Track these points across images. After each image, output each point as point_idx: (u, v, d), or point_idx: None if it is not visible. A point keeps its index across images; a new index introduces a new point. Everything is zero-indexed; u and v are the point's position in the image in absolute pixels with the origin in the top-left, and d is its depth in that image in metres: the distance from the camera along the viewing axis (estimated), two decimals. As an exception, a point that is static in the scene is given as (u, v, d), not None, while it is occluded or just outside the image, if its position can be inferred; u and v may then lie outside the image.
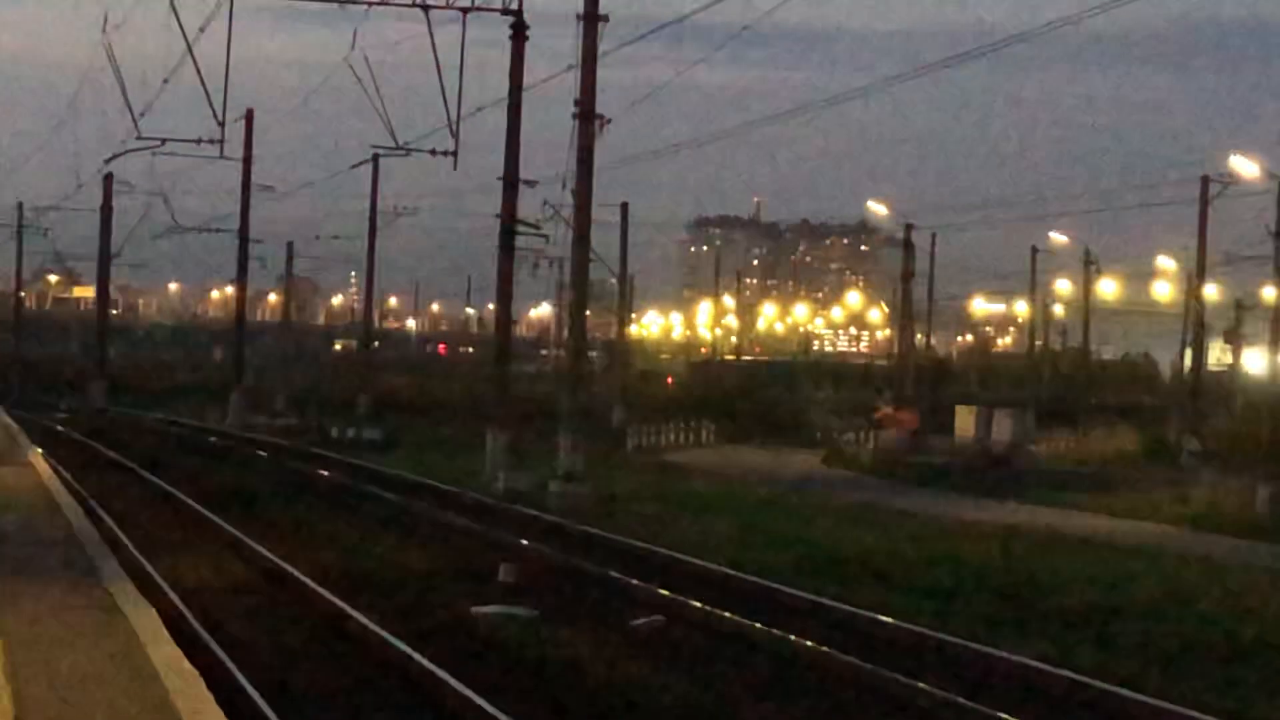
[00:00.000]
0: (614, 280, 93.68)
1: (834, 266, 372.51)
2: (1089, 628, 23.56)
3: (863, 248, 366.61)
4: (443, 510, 38.47)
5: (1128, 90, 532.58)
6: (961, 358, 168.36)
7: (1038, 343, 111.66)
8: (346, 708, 17.15)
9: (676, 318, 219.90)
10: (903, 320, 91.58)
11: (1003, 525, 40.00)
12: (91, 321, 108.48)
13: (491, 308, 58.31)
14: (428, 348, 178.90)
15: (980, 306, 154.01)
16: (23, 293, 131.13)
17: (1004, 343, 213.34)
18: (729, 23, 48.31)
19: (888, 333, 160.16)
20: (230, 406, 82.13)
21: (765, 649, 21.15)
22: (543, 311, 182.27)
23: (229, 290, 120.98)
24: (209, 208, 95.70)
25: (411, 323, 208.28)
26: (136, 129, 65.39)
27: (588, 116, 44.45)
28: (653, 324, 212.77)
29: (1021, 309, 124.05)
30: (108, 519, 31.07)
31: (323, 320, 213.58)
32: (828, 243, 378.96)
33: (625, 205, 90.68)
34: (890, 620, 23.09)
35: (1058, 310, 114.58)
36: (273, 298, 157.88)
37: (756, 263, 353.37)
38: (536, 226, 50.74)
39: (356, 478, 47.96)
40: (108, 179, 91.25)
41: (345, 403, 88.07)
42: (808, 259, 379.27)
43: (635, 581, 26.32)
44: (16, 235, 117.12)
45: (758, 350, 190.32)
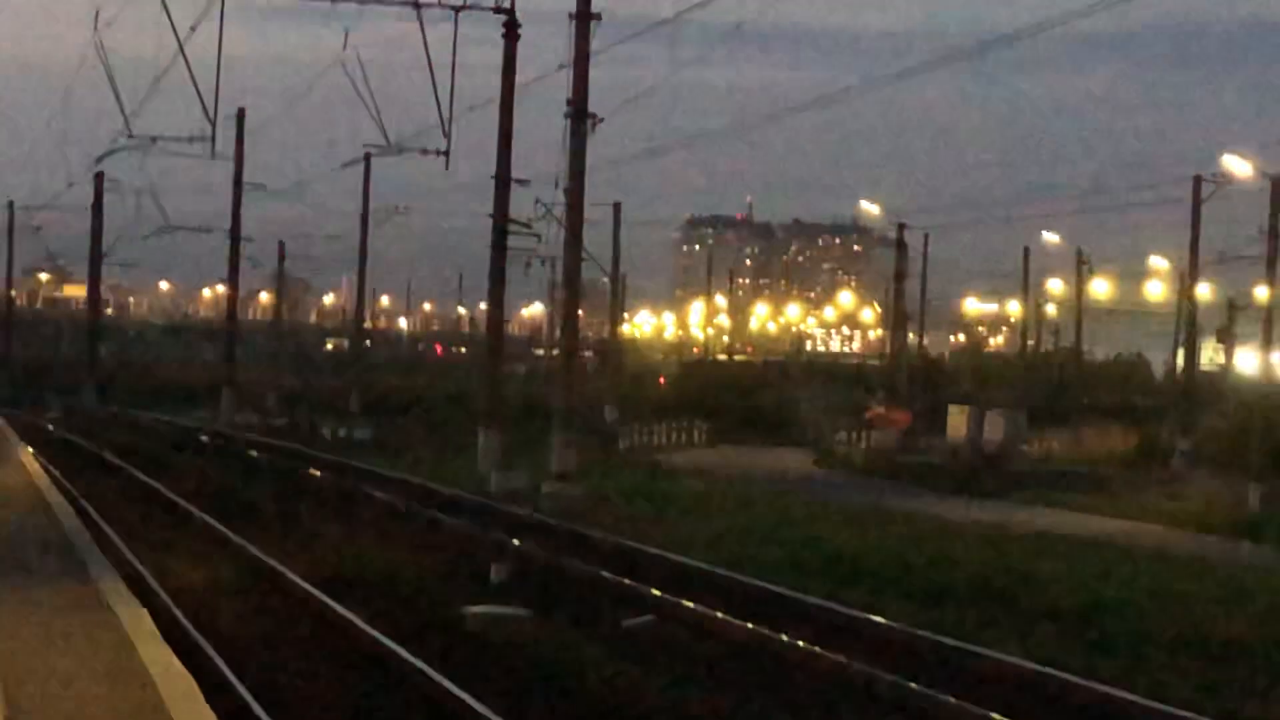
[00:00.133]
0: (606, 279, 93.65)
1: (826, 266, 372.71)
2: (1080, 627, 23.56)
3: (855, 247, 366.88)
4: (434, 510, 38.42)
5: (1120, 90, 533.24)
6: (954, 358, 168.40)
7: (1030, 343, 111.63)
8: (338, 707, 17.12)
9: (669, 317, 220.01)
10: (895, 320, 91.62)
11: (994, 525, 40.03)
12: (83, 321, 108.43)
13: (484, 307, 58.29)
14: (420, 347, 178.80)
15: (973, 306, 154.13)
16: (13, 292, 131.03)
17: (996, 343, 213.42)
18: (721, 22, 48.37)
19: (880, 332, 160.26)
20: (221, 406, 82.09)
21: (757, 649, 21.13)
22: (535, 311, 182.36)
23: (220, 289, 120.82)
24: (200, 207, 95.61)
25: (403, 322, 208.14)
26: (128, 128, 65.47)
27: (580, 115, 44.45)
28: (645, 324, 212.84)
29: (1014, 309, 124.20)
30: (98, 518, 31.03)
31: (314, 319, 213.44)
32: (820, 242, 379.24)
33: (618, 204, 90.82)
34: (882, 620, 23.08)
35: (1050, 310, 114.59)
36: (264, 297, 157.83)
37: (749, 262, 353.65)
38: (529, 226, 50.72)
39: (348, 477, 47.91)
40: (99, 177, 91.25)
41: (337, 402, 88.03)
42: (800, 259, 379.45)
43: (627, 581, 26.31)
44: (7, 234, 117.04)
45: (750, 350, 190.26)
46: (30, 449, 46.27)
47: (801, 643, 20.91)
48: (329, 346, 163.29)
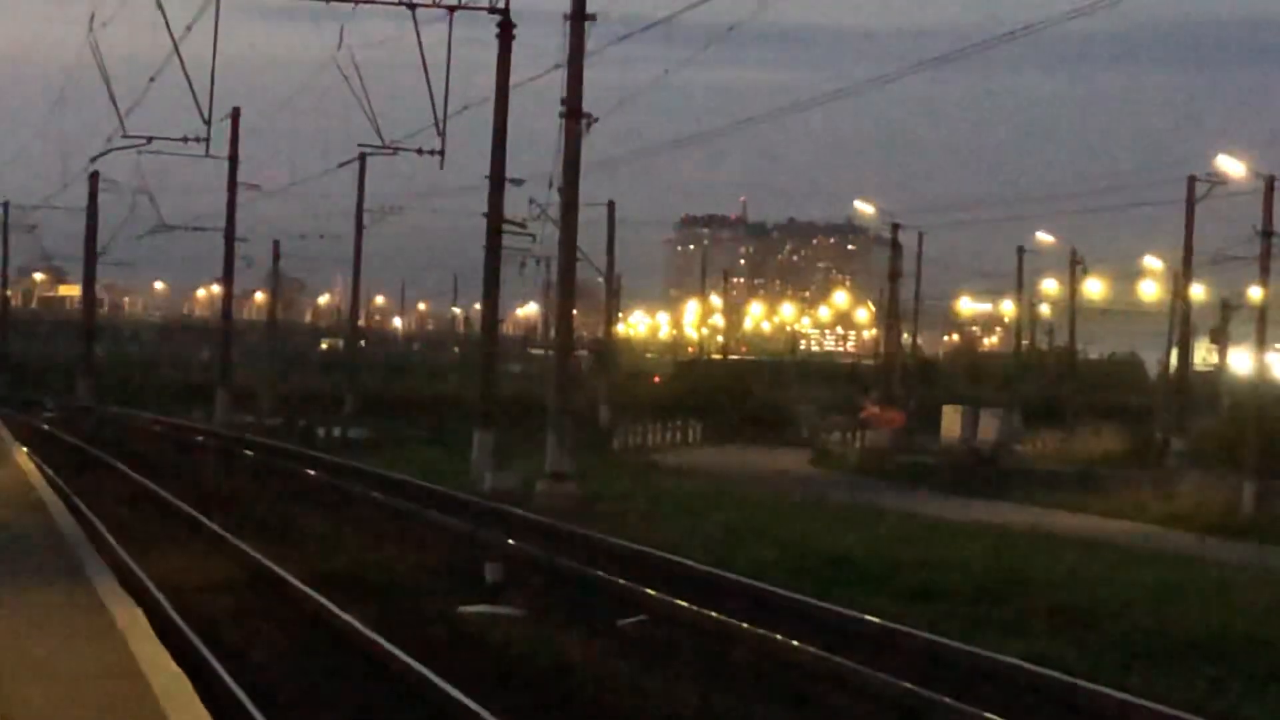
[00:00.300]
0: (601, 279, 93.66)
1: (821, 266, 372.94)
2: (1074, 627, 23.58)
3: (849, 247, 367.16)
4: (429, 510, 38.42)
5: (1115, 90, 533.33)
6: (948, 357, 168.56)
7: (1024, 342, 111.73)
8: (332, 707, 17.13)
9: (663, 317, 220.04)
10: (889, 320, 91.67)
11: (989, 524, 40.07)
12: (78, 320, 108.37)
13: (478, 307, 58.25)
14: (415, 346, 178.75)
15: (967, 306, 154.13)
16: (9, 291, 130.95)
17: (990, 342, 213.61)
18: (716, 22, 48.31)
19: (874, 332, 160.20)
20: (216, 405, 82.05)
21: (751, 649, 21.14)
22: (530, 311, 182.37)
23: (215, 289, 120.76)
24: (195, 206, 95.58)
25: (398, 321, 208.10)
26: (123, 127, 65.41)
27: (575, 115, 44.44)
28: (640, 323, 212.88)
29: (1008, 308, 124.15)
30: (93, 518, 31.01)
31: (309, 319, 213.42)
32: (814, 242, 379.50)
33: (612, 204, 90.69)
34: (876, 620, 23.10)
35: (1044, 310, 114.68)
36: (259, 297, 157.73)
37: (743, 262, 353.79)
38: (523, 225, 50.75)
39: (342, 477, 47.90)
40: (94, 177, 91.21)
41: (332, 402, 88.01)
42: (794, 258, 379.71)
43: (622, 581, 26.32)
44: (2, 233, 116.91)
45: (744, 350, 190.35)
46: (25, 448, 46.23)
47: (796, 642, 20.93)
48: (324, 346, 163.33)
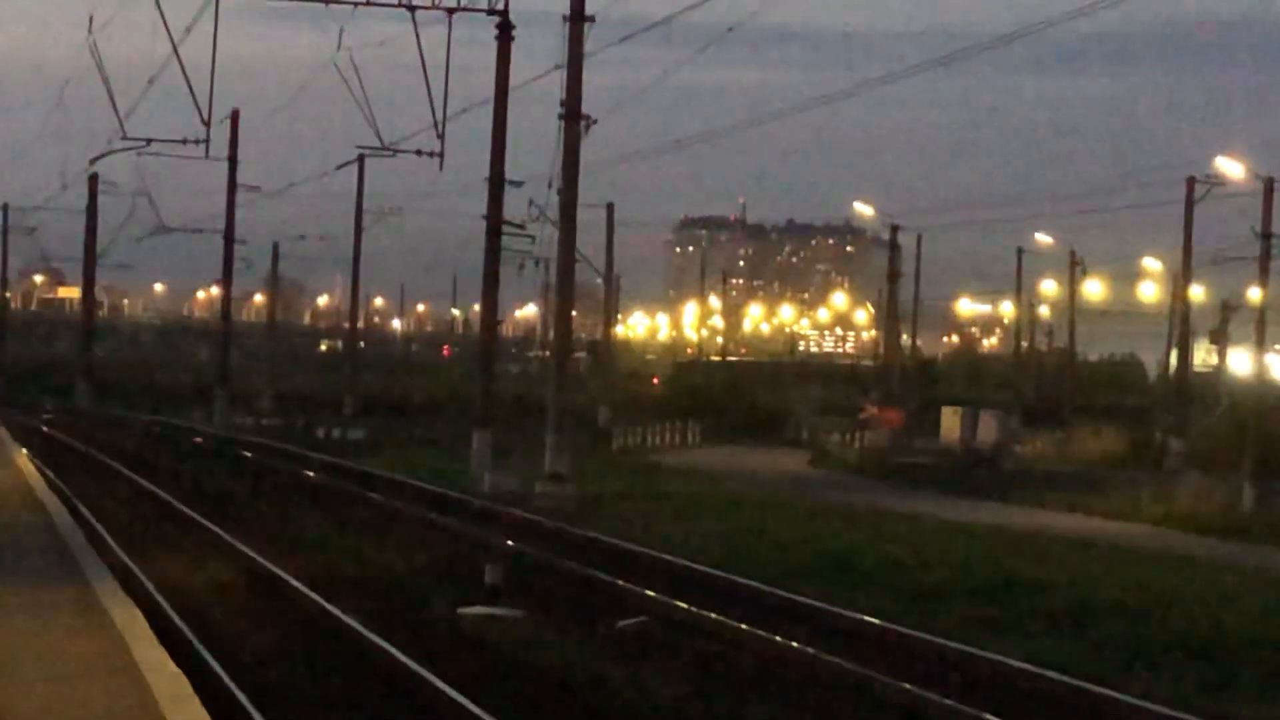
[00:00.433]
0: (600, 281, 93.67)
1: (820, 267, 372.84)
2: (1073, 628, 23.59)
3: (848, 248, 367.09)
4: (428, 511, 38.44)
5: (1114, 91, 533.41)
6: (947, 358, 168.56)
7: (1023, 344, 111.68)
8: (331, 708, 17.14)
9: (662, 318, 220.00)
10: (888, 321, 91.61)
11: (988, 525, 40.06)
12: (77, 322, 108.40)
13: (477, 308, 58.25)
14: (414, 347, 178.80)
15: (966, 307, 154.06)
16: (8, 293, 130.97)
17: (990, 343, 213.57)
18: (715, 23, 48.35)
19: (873, 333, 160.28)
20: (215, 407, 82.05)
21: (751, 650, 21.15)
22: (529, 312, 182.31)
23: (214, 291, 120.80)
24: (195, 208, 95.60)
25: (397, 323, 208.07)
26: (122, 129, 65.41)
27: (573, 117, 44.43)
28: (639, 325, 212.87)
29: (1007, 310, 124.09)
30: (92, 519, 31.02)
31: (308, 321, 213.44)
32: (813, 243, 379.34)
33: (611, 206, 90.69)
34: (875, 620, 23.12)
35: (1043, 311, 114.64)
36: (258, 298, 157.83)
37: (742, 263, 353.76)
38: (522, 227, 50.73)
39: (341, 478, 47.91)
40: (93, 179, 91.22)
41: (331, 403, 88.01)
42: (793, 260, 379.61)
43: (621, 582, 26.33)
44: (2, 235, 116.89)
45: (743, 351, 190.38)
46: (25, 450, 46.24)
47: (795, 643, 20.93)
48: (323, 348, 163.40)
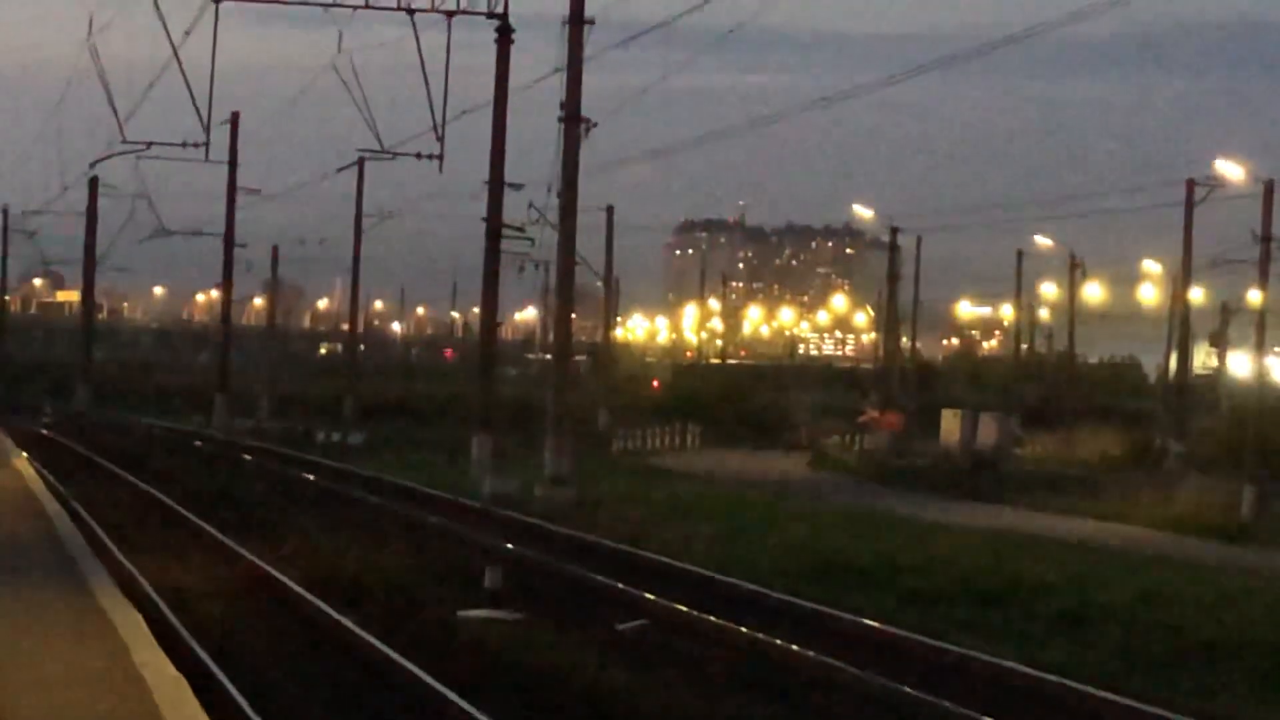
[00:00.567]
0: (599, 283, 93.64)
1: (820, 270, 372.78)
2: (1073, 631, 23.59)
3: (848, 251, 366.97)
4: (428, 514, 38.43)
5: (1114, 93, 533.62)
6: (947, 361, 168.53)
7: (1023, 346, 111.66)
8: (330, 711, 17.14)
9: (662, 321, 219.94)
10: (888, 324, 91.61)
11: (987, 528, 40.05)
12: (77, 325, 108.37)
13: (477, 311, 58.24)
14: (414, 351, 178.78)
15: (966, 310, 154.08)
16: (8, 296, 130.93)
17: (989, 346, 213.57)
18: (715, 26, 48.39)
19: (873, 336, 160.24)
20: (215, 410, 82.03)
21: (751, 653, 21.15)
22: (529, 315, 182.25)
23: (214, 294, 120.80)
24: (194, 211, 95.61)
25: (397, 326, 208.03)
26: (122, 133, 65.49)
27: (573, 120, 44.44)
28: (638, 327, 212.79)
29: (1007, 312, 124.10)
30: (92, 523, 31.02)
31: (308, 324, 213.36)
32: (813, 246, 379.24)
33: (611, 208, 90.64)
34: (875, 623, 23.11)
35: (1043, 314, 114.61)
36: (258, 301, 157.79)
37: (742, 266, 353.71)
38: (522, 230, 50.75)
39: (341, 482, 47.90)
40: (93, 182, 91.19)
41: (331, 406, 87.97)
42: (793, 262, 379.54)
43: (621, 585, 26.33)
44: (2, 239, 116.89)
45: (743, 354, 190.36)
46: (25, 454, 46.25)
47: (795, 646, 20.94)
48: (323, 351, 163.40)
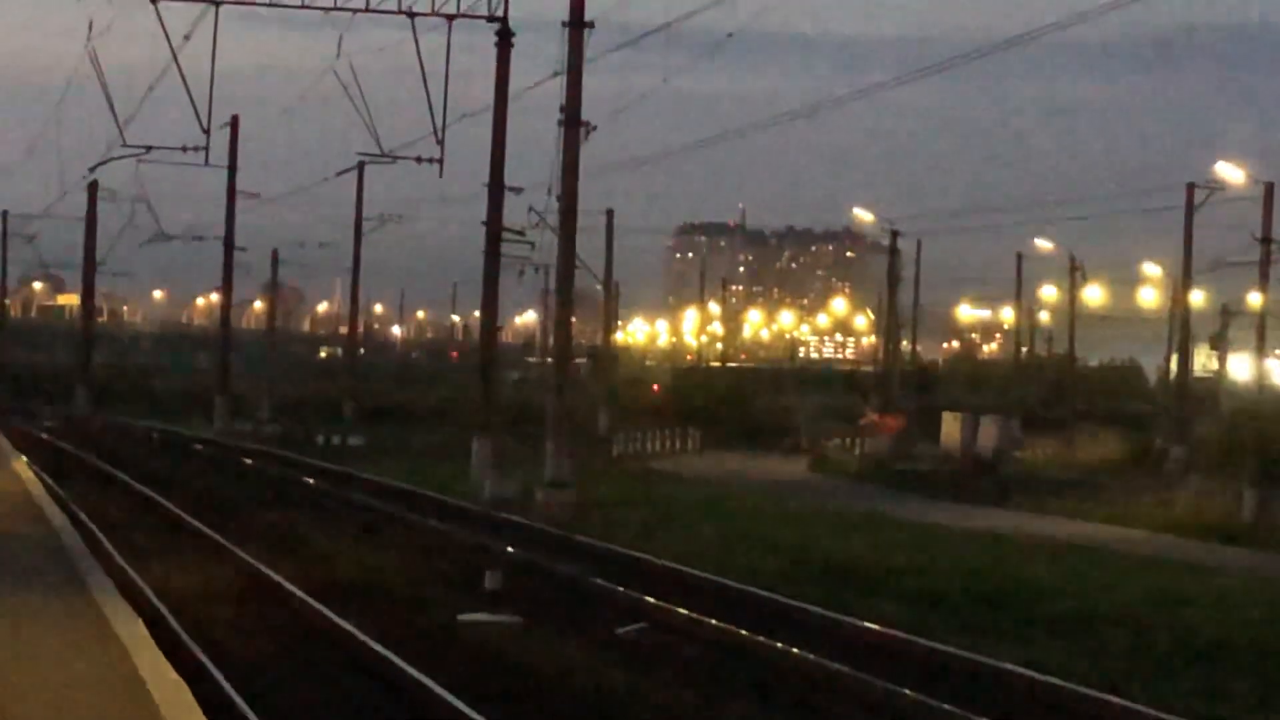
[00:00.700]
0: (599, 287, 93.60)
1: (819, 273, 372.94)
2: (1075, 634, 23.57)
3: (848, 254, 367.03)
4: (428, 517, 38.41)
5: (1114, 96, 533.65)
6: (948, 364, 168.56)
7: (1023, 349, 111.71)
8: (330, 714, 17.12)
9: (662, 325, 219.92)
10: (888, 327, 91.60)
11: (988, 531, 40.04)
12: (77, 329, 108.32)
13: (477, 315, 58.22)
14: (414, 354, 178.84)
15: (966, 313, 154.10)
16: (8, 300, 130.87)
17: (990, 349, 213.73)
18: (715, 30, 48.36)
19: (873, 339, 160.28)
20: (215, 414, 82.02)
21: (751, 656, 21.13)
22: (529, 318, 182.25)
23: (214, 298, 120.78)
24: (194, 215, 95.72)
25: (397, 329, 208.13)
26: (121, 137, 65.28)
27: (573, 123, 44.41)
28: (638, 331, 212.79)
29: (1007, 315, 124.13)
30: (92, 526, 31.00)
31: (308, 327, 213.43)
32: (813, 249, 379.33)
33: (611, 212, 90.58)
34: (876, 627, 23.09)
35: (1043, 317, 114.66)
36: (258, 305, 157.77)
37: (742, 269, 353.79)
38: (522, 233, 50.72)
39: (341, 485, 47.89)
40: (92, 186, 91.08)
41: (331, 410, 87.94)
42: (793, 265, 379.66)
43: (621, 589, 26.31)
44: (1, 243, 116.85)
45: (743, 357, 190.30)
46: (24, 458, 46.23)
47: (795, 649, 20.91)
48: (323, 354, 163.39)
